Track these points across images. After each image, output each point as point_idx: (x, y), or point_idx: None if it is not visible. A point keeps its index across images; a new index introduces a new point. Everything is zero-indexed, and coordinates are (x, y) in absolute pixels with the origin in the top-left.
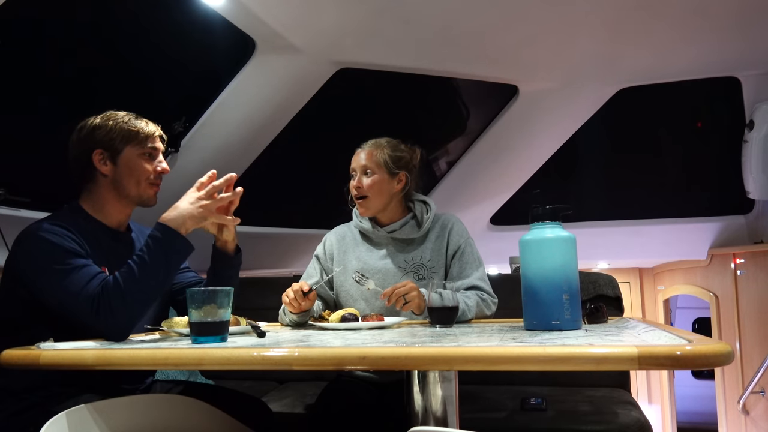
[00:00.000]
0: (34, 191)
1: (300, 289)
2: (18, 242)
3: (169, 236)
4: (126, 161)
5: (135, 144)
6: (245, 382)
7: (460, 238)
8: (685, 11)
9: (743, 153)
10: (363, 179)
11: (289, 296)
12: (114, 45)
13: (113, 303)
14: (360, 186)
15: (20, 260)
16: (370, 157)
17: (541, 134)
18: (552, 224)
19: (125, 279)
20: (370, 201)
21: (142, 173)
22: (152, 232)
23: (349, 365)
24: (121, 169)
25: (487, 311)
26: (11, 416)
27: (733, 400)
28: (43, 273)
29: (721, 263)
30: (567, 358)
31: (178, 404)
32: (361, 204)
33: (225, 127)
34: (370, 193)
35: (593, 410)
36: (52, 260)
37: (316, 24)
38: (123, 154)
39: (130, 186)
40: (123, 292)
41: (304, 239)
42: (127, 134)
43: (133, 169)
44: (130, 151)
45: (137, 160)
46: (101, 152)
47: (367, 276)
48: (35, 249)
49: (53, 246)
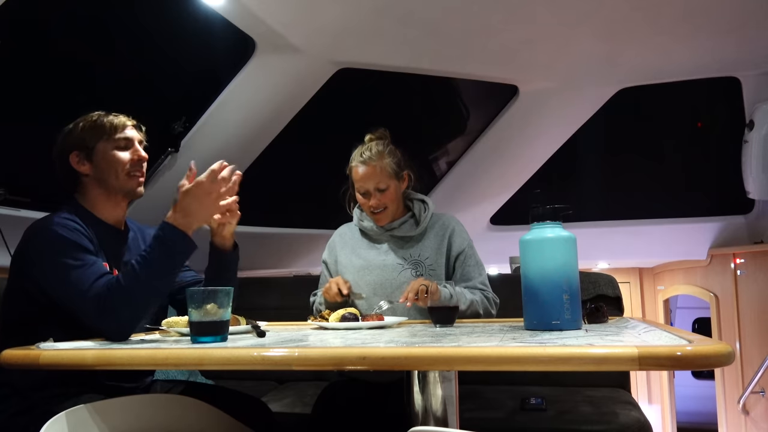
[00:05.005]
0: (34, 191)
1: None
2: (27, 235)
3: (175, 237)
4: (100, 156)
5: (105, 138)
6: (245, 382)
7: (463, 242)
8: (685, 11)
9: (743, 153)
10: (379, 196)
11: (332, 290)
12: (114, 45)
13: (116, 303)
14: (379, 203)
15: (30, 253)
16: (378, 172)
17: (541, 134)
18: (552, 224)
19: (128, 280)
20: (388, 211)
21: (118, 164)
22: (157, 233)
23: (349, 365)
24: (99, 166)
25: (492, 310)
26: (12, 416)
27: (733, 400)
28: (54, 266)
29: (721, 263)
30: (567, 358)
31: (178, 404)
32: (380, 215)
33: (225, 127)
34: (389, 203)
35: (593, 410)
36: (63, 254)
37: (316, 24)
38: (96, 150)
39: (111, 180)
40: (126, 293)
41: (304, 239)
42: (96, 130)
43: (109, 162)
44: (102, 145)
45: (110, 153)
46: (77, 153)
47: (381, 306)
48: (46, 242)
49: (65, 240)
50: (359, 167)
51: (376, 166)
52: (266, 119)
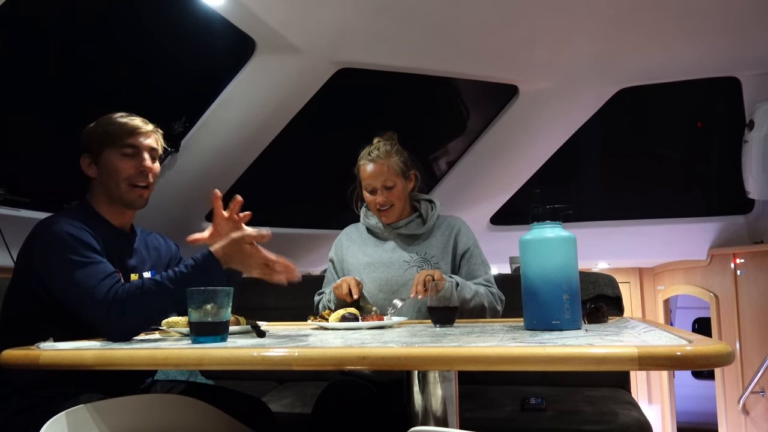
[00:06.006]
0: (34, 191)
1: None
2: (34, 234)
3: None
4: (105, 163)
5: (112, 144)
6: (245, 382)
7: (469, 241)
8: (685, 11)
9: (743, 153)
10: (386, 193)
11: (343, 290)
12: (114, 45)
13: (127, 307)
14: (386, 200)
15: (36, 250)
16: (386, 170)
17: (541, 134)
18: (552, 224)
19: (146, 290)
20: (395, 209)
21: (119, 174)
22: (198, 258)
23: (349, 365)
24: (103, 172)
25: (498, 306)
26: (12, 416)
27: (733, 400)
28: (59, 263)
29: (721, 263)
30: (567, 358)
31: (178, 404)
32: (387, 213)
33: (225, 127)
34: (396, 201)
35: (593, 410)
36: (69, 251)
37: (317, 24)
38: (102, 156)
39: (111, 188)
40: (141, 302)
41: (306, 239)
42: (105, 135)
43: (111, 171)
44: (108, 152)
45: (114, 161)
46: (87, 156)
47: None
48: (53, 239)
49: (72, 238)
50: (367, 165)
51: (383, 164)
52: (266, 119)
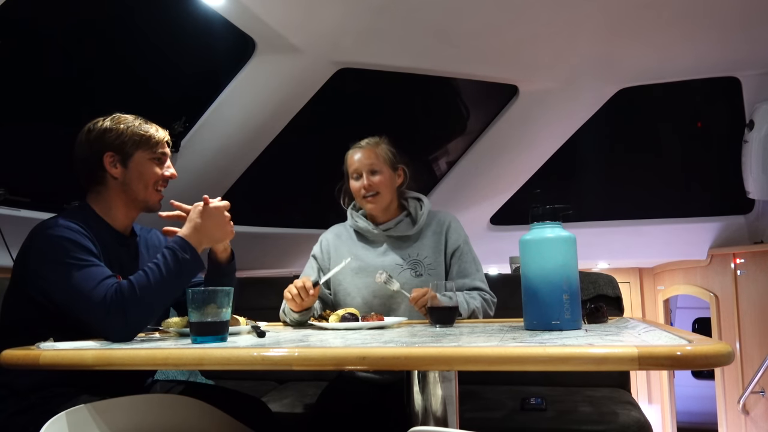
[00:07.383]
0: (34, 191)
1: (303, 285)
2: (32, 237)
3: (188, 252)
4: (136, 165)
5: (146, 148)
6: (245, 382)
7: (459, 238)
8: (685, 11)
9: (743, 153)
10: (371, 178)
11: (291, 292)
12: (114, 45)
13: (127, 307)
14: (371, 184)
15: (33, 253)
16: (374, 155)
17: (541, 134)
18: (552, 224)
19: (141, 285)
20: (381, 197)
21: (151, 177)
22: (172, 245)
23: (349, 365)
24: (131, 173)
25: (490, 311)
26: (12, 416)
27: (733, 400)
28: (57, 266)
29: (721, 263)
30: (567, 358)
31: (178, 404)
32: (372, 200)
33: (225, 127)
34: (381, 189)
35: (593, 410)
36: (66, 254)
37: (317, 24)
38: (134, 158)
39: (138, 190)
40: (138, 297)
41: (303, 239)
42: (138, 138)
43: (142, 173)
44: (140, 155)
45: (147, 165)
46: (112, 155)
47: (392, 276)
48: (50, 242)
49: (69, 241)
50: (355, 153)
51: (372, 150)
52: (266, 119)
